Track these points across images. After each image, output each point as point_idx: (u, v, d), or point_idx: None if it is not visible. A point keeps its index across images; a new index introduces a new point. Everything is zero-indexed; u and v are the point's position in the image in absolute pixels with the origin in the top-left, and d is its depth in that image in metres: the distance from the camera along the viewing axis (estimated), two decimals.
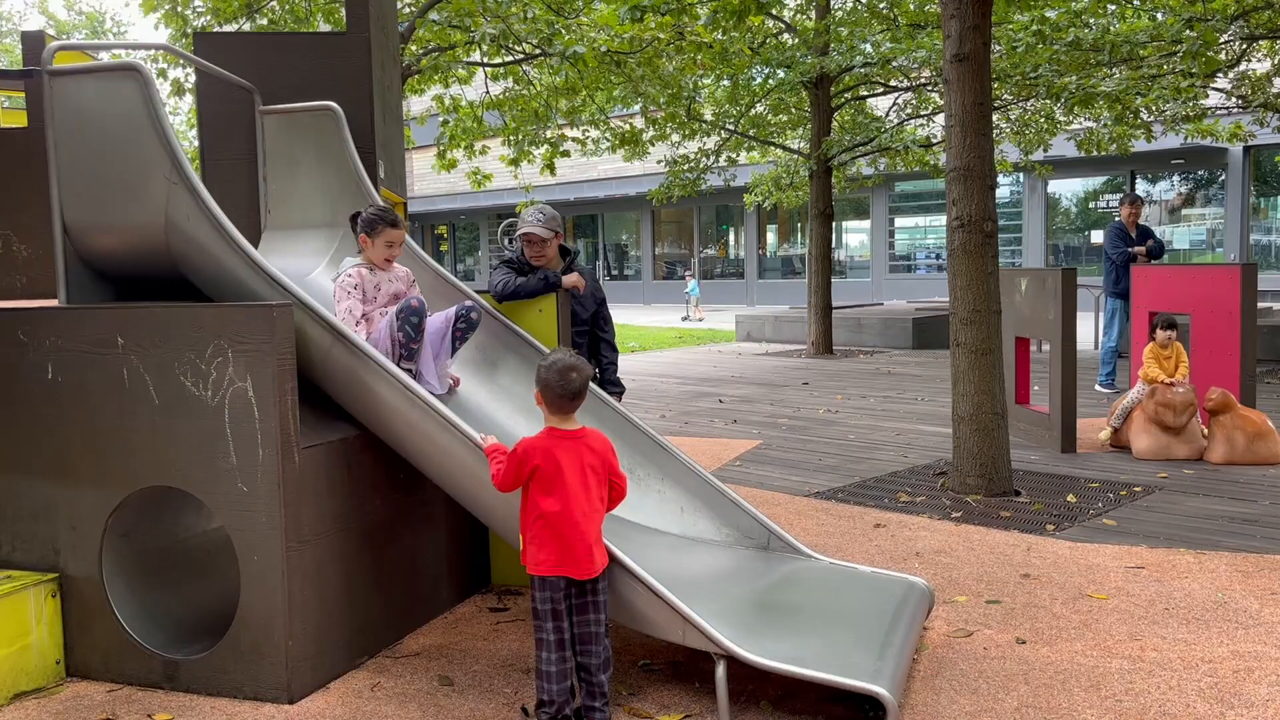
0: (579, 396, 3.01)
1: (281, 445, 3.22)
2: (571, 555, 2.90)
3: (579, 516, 2.90)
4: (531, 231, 4.55)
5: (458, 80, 12.72)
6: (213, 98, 4.64)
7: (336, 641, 3.45)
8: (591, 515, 2.94)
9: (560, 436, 2.97)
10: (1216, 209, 21.76)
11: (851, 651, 3.13)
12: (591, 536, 2.93)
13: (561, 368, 2.98)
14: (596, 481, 2.98)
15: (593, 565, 2.92)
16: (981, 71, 5.68)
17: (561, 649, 2.95)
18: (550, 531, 2.91)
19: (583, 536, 2.90)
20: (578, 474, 2.93)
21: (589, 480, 2.95)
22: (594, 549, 2.93)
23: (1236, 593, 4.03)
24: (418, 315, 3.68)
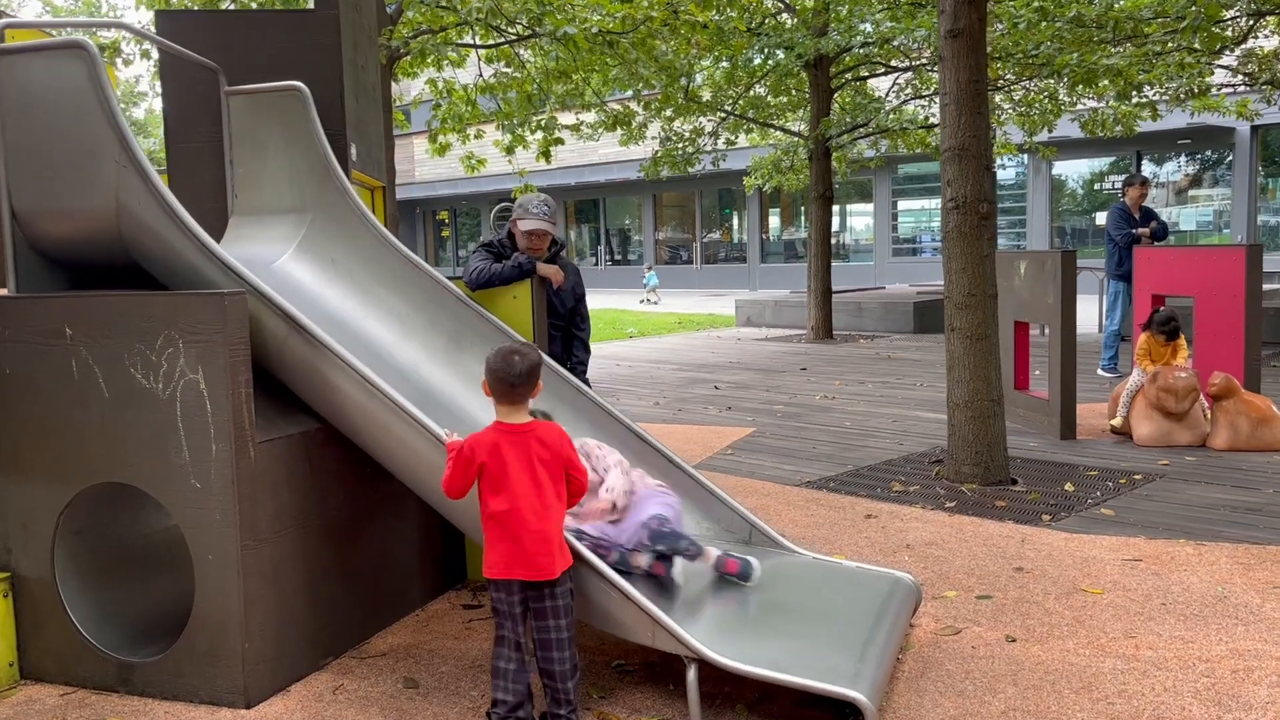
0: (524, 383, 2.83)
1: (235, 439, 3.08)
2: (522, 556, 2.76)
3: (529, 515, 2.76)
4: (543, 229, 4.41)
5: (451, 64, 12.53)
6: (177, 78, 4.49)
7: (297, 643, 3.32)
8: (545, 513, 2.78)
9: (506, 431, 2.82)
10: (1224, 189, 21.48)
11: (831, 653, 2.99)
12: (545, 535, 2.78)
13: (505, 351, 2.86)
14: (550, 476, 2.82)
15: (548, 566, 2.77)
16: (977, 48, 5.50)
17: (518, 650, 2.83)
18: (500, 531, 2.77)
19: (534, 536, 2.76)
20: (526, 469, 2.78)
21: (540, 476, 2.80)
22: (549, 549, 2.78)
23: (1237, 586, 3.88)
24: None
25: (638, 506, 3.40)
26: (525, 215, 4.47)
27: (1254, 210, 20.77)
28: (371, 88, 5.21)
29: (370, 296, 4.15)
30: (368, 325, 4.08)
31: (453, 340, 4.10)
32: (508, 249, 4.50)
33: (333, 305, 4.09)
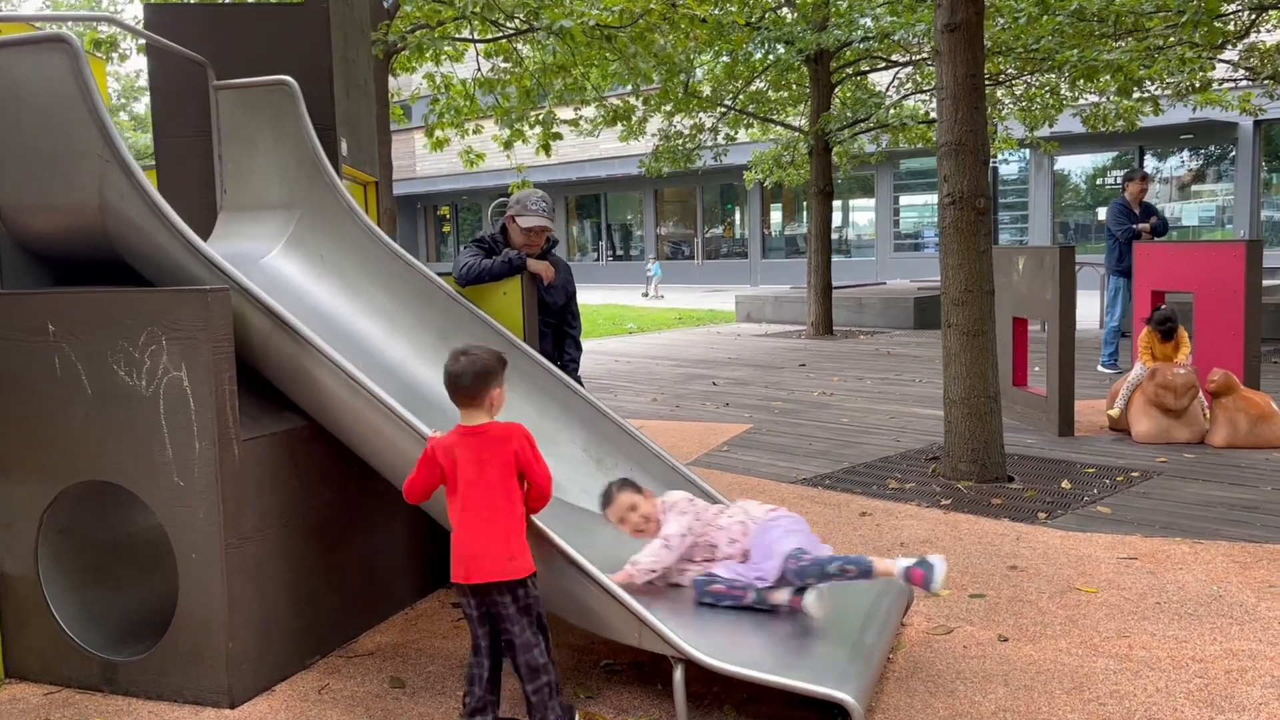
0: (468, 385, 2.79)
1: (219, 437, 3.05)
2: (469, 560, 2.74)
3: (474, 518, 2.74)
4: (544, 225, 4.39)
5: (449, 58, 12.49)
6: (166, 73, 4.46)
7: (282, 642, 3.30)
8: (492, 516, 2.74)
9: (462, 433, 2.81)
10: (1227, 185, 21.40)
11: (819, 653, 2.96)
12: (490, 537, 2.73)
13: (456, 351, 2.85)
14: (501, 477, 2.76)
15: (494, 569, 2.72)
16: (974, 42, 5.45)
17: (477, 654, 2.82)
18: (454, 535, 2.77)
19: (478, 539, 2.73)
20: (474, 471, 2.75)
21: (489, 477, 2.75)
22: (495, 551, 2.73)
23: (1232, 585, 3.84)
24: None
25: (759, 542, 3.22)
26: (524, 212, 4.44)
27: (1257, 206, 20.69)
28: (363, 82, 5.18)
29: (359, 293, 4.12)
30: (356, 322, 4.05)
31: (442, 337, 4.07)
32: (500, 244, 4.48)
33: (321, 301, 4.06)
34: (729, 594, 3.16)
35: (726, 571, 3.22)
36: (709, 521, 3.36)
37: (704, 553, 3.34)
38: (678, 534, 3.26)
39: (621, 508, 3.32)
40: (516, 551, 2.76)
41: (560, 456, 3.95)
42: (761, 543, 3.23)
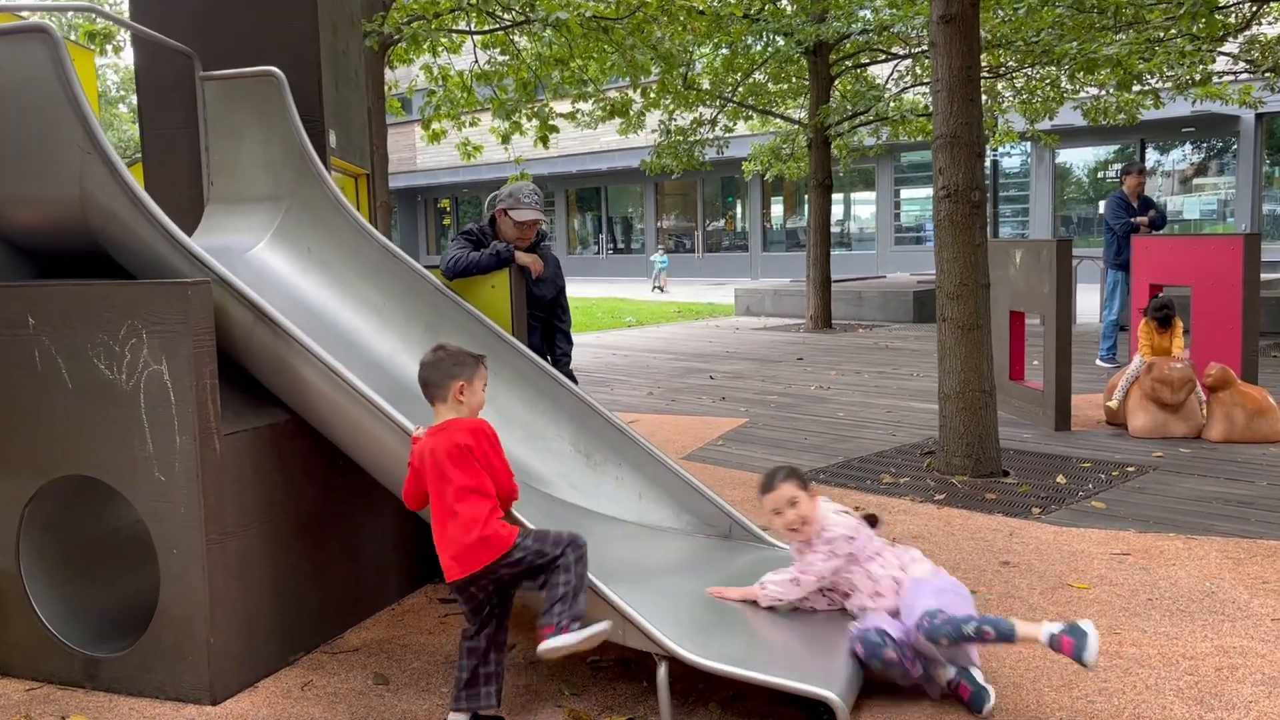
0: (427, 381, 2.84)
1: (200, 432, 3.02)
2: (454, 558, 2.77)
3: (438, 514, 2.77)
4: (537, 219, 4.36)
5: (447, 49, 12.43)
6: (152, 63, 4.42)
7: (266, 638, 3.27)
8: (443, 516, 2.75)
9: (431, 433, 2.82)
10: (1228, 178, 21.33)
11: (805, 650, 2.93)
12: (443, 539, 2.75)
13: (427, 355, 2.89)
14: (462, 473, 2.73)
15: (459, 565, 2.75)
16: (970, 33, 5.41)
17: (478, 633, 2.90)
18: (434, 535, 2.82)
19: (438, 539, 2.77)
20: (434, 470, 2.75)
21: (447, 473, 2.73)
22: (448, 551, 2.75)
23: (1225, 582, 3.81)
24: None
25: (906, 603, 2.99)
26: (517, 205, 4.39)
27: (1259, 199, 20.62)
28: (354, 73, 5.14)
29: (346, 286, 4.09)
30: (343, 315, 4.02)
31: (430, 331, 4.04)
32: (489, 237, 4.44)
33: (308, 295, 4.03)
34: (899, 663, 2.88)
35: (898, 632, 2.93)
36: (861, 563, 3.11)
37: (840, 589, 3.15)
38: (815, 576, 3.10)
39: (780, 499, 3.10)
40: (479, 542, 2.72)
41: (549, 452, 3.93)
42: (907, 603, 3.00)
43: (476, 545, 2.72)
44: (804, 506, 3.10)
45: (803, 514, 3.09)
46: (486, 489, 2.77)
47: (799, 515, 3.10)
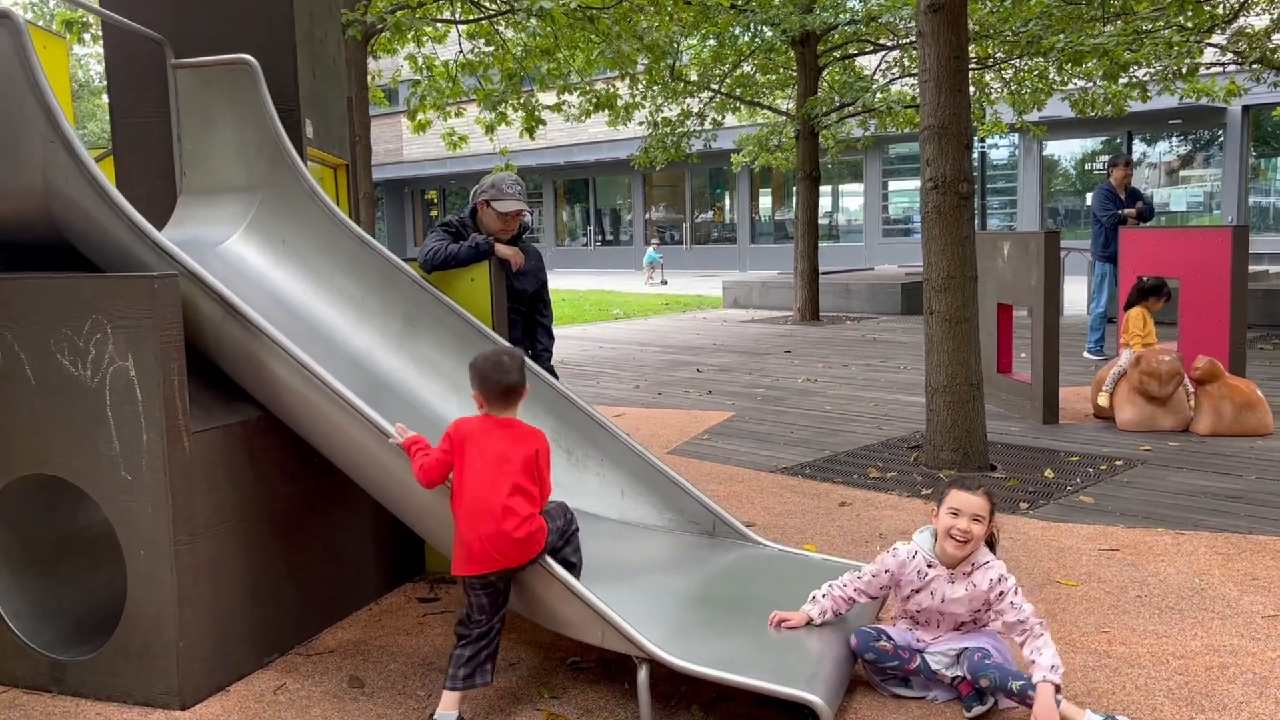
0: (520, 385, 2.90)
1: (168, 429, 2.94)
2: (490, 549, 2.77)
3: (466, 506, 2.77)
4: (521, 209, 4.27)
5: (432, 39, 12.31)
6: (122, 51, 4.32)
7: (238, 640, 3.19)
8: (485, 507, 2.75)
9: (494, 423, 2.86)
10: (1215, 170, 21.34)
11: (788, 652, 2.87)
12: (481, 530, 2.75)
13: (493, 358, 2.90)
14: (526, 477, 2.80)
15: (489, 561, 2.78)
16: (957, 23, 5.34)
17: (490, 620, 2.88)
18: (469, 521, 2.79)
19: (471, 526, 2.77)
20: (495, 460, 2.79)
21: (511, 470, 2.78)
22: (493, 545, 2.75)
23: (1215, 578, 3.77)
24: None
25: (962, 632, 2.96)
26: (500, 195, 4.29)
27: (1245, 191, 20.64)
28: (332, 62, 5.03)
29: (322, 279, 4.00)
30: (319, 309, 3.93)
31: (408, 324, 3.95)
32: (469, 228, 4.35)
33: (282, 288, 3.94)
34: (895, 655, 2.89)
35: (898, 637, 2.95)
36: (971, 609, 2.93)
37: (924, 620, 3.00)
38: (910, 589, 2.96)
39: (974, 506, 2.87)
40: (534, 527, 2.79)
41: None
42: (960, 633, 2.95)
43: (525, 542, 2.76)
44: (980, 531, 2.88)
45: (975, 535, 2.88)
46: (535, 495, 2.82)
47: (971, 533, 2.87)
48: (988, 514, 2.89)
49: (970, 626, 2.95)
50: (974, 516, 2.87)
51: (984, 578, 2.88)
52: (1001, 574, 2.88)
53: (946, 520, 2.91)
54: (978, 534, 2.88)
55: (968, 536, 2.87)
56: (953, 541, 2.89)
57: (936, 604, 2.95)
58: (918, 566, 2.97)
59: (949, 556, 2.92)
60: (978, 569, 2.90)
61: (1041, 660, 2.70)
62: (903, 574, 2.99)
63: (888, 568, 3.02)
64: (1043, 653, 2.72)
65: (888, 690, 2.95)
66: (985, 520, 2.89)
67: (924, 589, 2.96)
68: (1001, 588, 2.85)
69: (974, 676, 2.78)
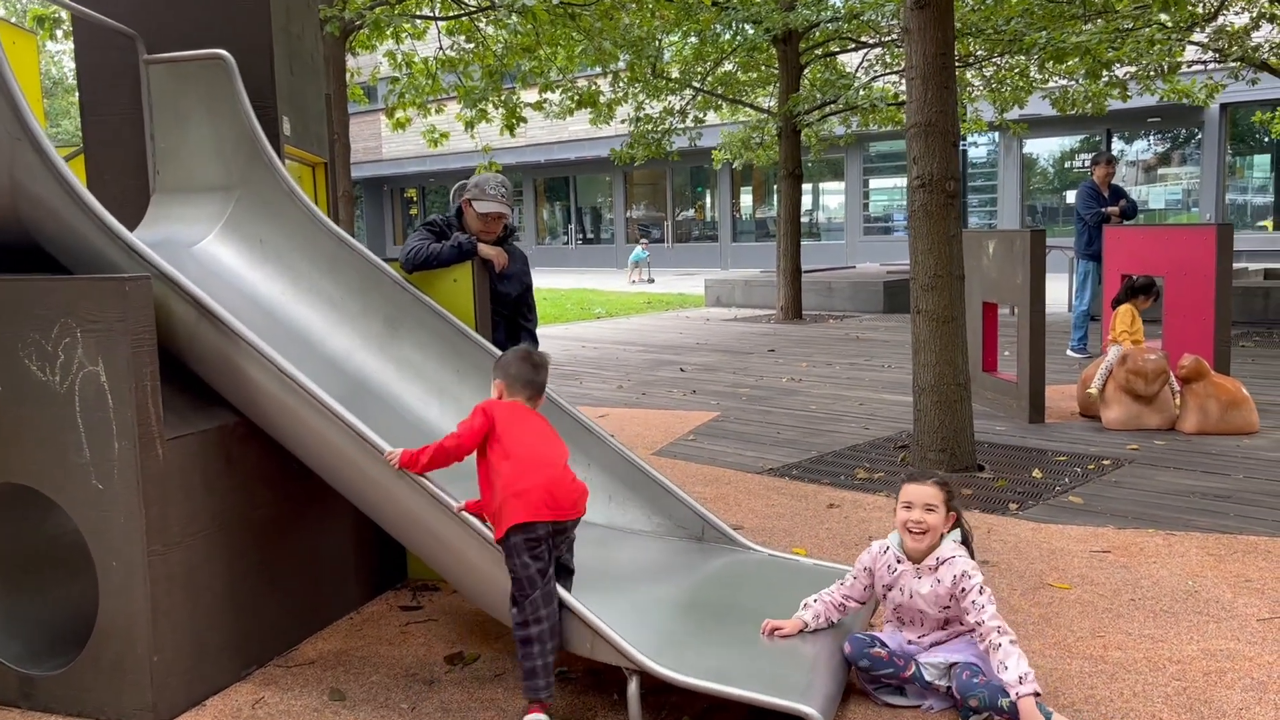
0: (543, 391, 3.05)
1: (140, 436, 2.84)
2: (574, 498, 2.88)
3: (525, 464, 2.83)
4: (501, 211, 4.18)
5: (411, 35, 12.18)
6: (93, 47, 4.20)
7: (215, 653, 3.10)
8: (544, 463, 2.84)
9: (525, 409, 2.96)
10: (1193, 168, 21.48)
11: (782, 662, 2.81)
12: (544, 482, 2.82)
13: (523, 358, 3.00)
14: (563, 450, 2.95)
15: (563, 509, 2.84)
16: (944, 19, 5.29)
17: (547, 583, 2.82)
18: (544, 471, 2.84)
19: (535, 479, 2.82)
20: (540, 428, 2.91)
21: (555, 439, 2.94)
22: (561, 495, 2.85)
23: (1208, 580, 3.73)
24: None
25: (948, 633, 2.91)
26: (481, 196, 4.19)
27: (1223, 189, 20.78)
28: (310, 58, 4.93)
29: (301, 280, 3.90)
30: (298, 310, 3.83)
31: (389, 326, 3.86)
32: (454, 228, 4.26)
33: (260, 290, 3.84)
34: (890, 661, 2.83)
35: (892, 642, 2.89)
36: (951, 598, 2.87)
37: (907, 619, 2.96)
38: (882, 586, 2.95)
39: (925, 496, 2.86)
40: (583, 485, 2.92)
41: None
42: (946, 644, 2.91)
43: (581, 495, 2.86)
44: (935, 521, 2.86)
45: (930, 524, 2.86)
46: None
47: (926, 521, 2.86)
48: (941, 502, 2.89)
49: (954, 625, 2.91)
50: (926, 506, 2.87)
51: (948, 573, 2.86)
52: (965, 570, 2.85)
53: (901, 514, 2.91)
54: (932, 523, 2.87)
55: (923, 527, 2.87)
56: (910, 535, 2.90)
57: (907, 600, 2.93)
58: (888, 562, 2.97)
59: (911, 550, 2.92)
60: (943, 564, 2.88)
61: (1008, 676, 2.64)
62: (876, 569, 3.00)
63: (864, 565, 3.03)
64: (1008, 666, 2.66)
65: (882, 699, 2.89)
66: (939, 508, 2.88)
67: (894, 585, 2.96)
68: (964, 584, 2.82)
69: (963, 697, 2.74)
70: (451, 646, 3.39)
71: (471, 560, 2.86)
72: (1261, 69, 10.62)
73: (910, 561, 2.93)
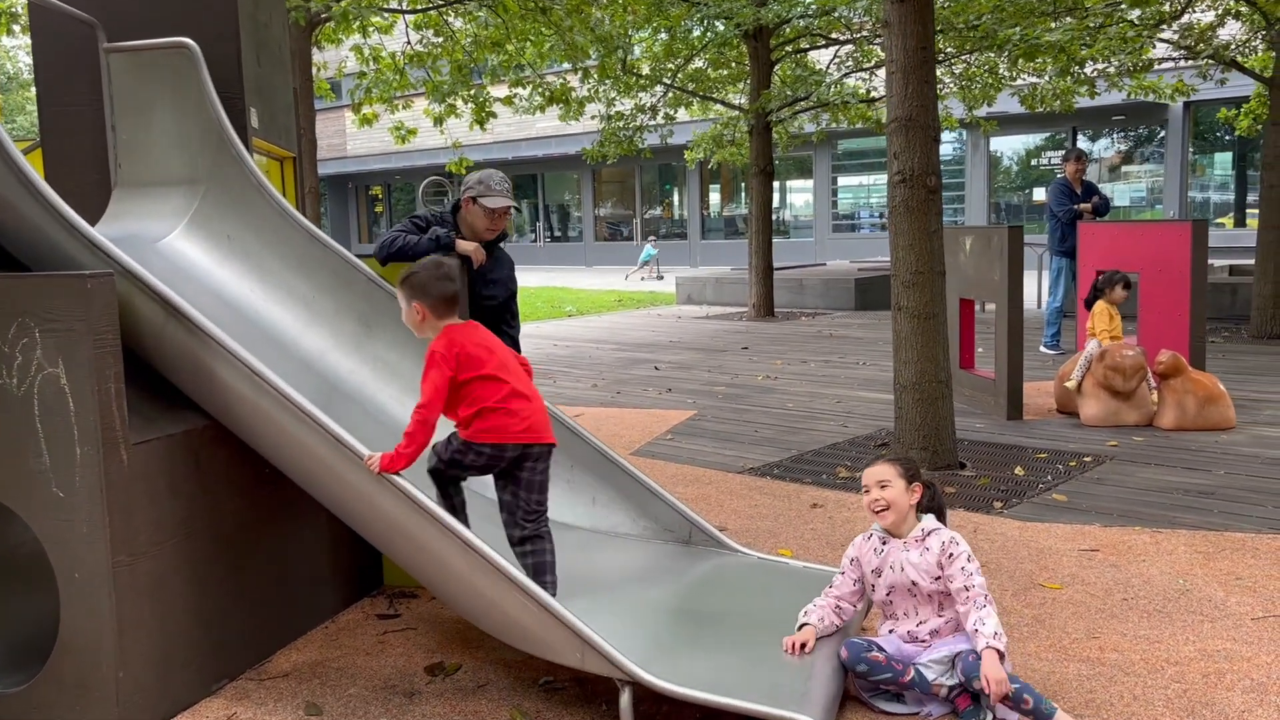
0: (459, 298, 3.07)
1: (104, 441, 2.70)
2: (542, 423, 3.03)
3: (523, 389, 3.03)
4: (511, 205, 4.04)
5: (378, 29, 11.99)
6: (51, 35, 4.03)
7: (184, 666, 2.96)
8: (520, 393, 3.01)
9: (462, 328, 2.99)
10: (1156, 165, 21.72)
11: (778, 669, 2.72)
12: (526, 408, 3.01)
13: (433, 269, 2.99)
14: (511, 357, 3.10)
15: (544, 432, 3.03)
16: (924, 12, 5.23)
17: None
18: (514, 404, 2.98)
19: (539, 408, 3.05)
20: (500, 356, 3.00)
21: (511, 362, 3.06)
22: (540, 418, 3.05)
23: (1198, 578, 3.70)
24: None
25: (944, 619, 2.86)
26: (488, 192, 3.97)
27: (1186, 186, 21.03)
28: (278, 48, 4.78)
29: (271, 278, 3.76)
30: (268, 309, 3.69)
31: (363, 324, 3.74)
32: (446, 225, 4.06)
33: (228, 287, 3.70)
34: (888, 666, 2.75)
35: (890, 647, 2.82)
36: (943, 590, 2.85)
37: (902, 608, 2.92)
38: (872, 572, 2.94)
39: (876, 475, 2.92)
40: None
41: None
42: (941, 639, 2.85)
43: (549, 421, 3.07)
44: (893, 493, 2.90)
45: (889, 498, 2.90)
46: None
47: (885, 498, 2.90)
48: (894, 476, 2.92)
49: (949, 609, 2.86)
50: (879, 483, 2.91)
51: (935, 541, 2.89)
52: (953, 537, 2.90)
53: (864, 500, 2.96)
54: (890, 497, 2.90)
55: (882, 504, 2.91)
56: (877, 516, 2.94)
57: (900, 576, 2.91)
58: (873, 545, 3.00)
59: (889, 527, 2.95)
60: (929, 534, 2.91)
61: (985, 629, 2.69)
62: (863, 557, 3.00)
63: (850, 557, 3.05)
64: (985, 622, 2.70)
65: (879, 706, 2.82)
66: (893, 482, 2.91)
67: (884, 566, 2.95)
68: (951, 549, 2.86)
69: (967, 679, 2.68)
70: (432, 656, 3.27)
71: (454, 567, 2.75)
72: (1230, 67, 10.70)
73: (895, 538, 2.95)
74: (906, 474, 2.94)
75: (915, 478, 2.96)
